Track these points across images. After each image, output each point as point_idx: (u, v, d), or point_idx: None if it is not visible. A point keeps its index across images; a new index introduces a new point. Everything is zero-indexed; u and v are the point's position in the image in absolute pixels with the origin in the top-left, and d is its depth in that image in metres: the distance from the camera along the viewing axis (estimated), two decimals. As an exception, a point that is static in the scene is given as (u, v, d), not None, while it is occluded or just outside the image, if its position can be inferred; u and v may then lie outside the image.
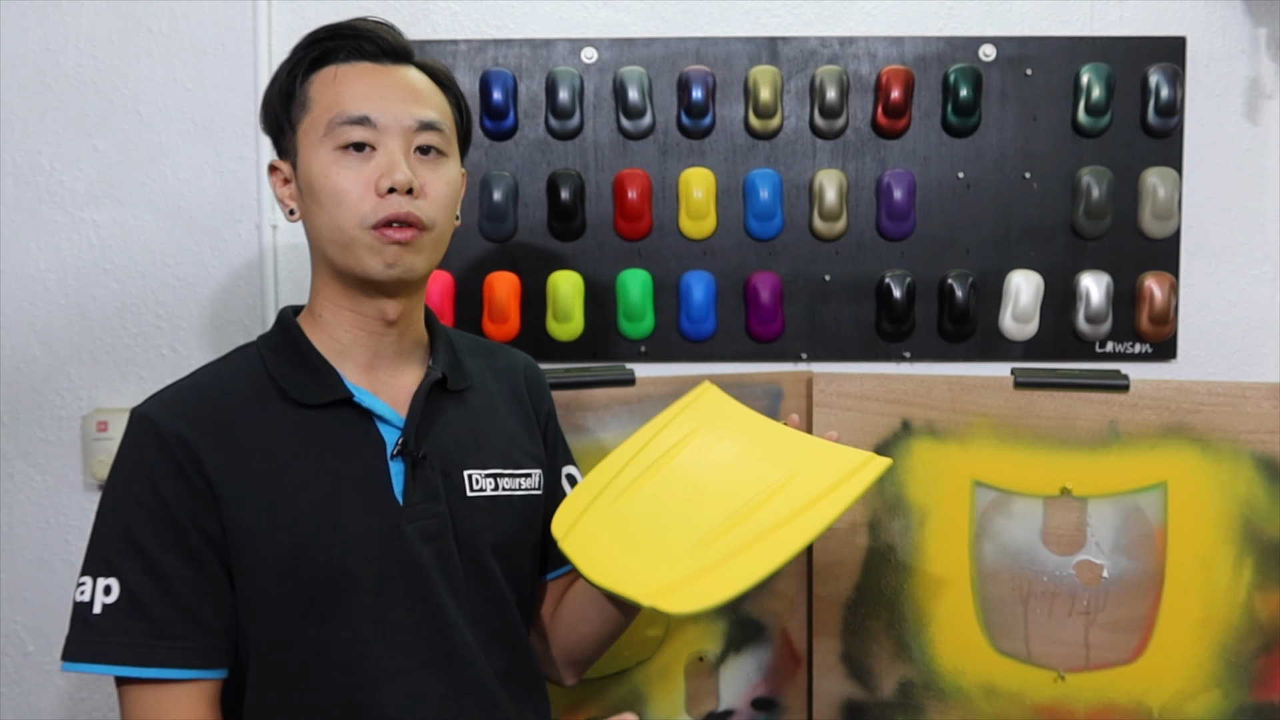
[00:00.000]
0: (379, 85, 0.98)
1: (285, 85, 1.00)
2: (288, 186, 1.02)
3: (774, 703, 1.45)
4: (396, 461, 0.99)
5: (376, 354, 1.02)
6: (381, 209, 0.95)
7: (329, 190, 0.96)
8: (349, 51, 0.99)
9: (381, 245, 0.95)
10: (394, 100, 0.97)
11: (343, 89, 0.97)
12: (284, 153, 1.02)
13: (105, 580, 0.92)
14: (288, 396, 0.98)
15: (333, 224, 0.96)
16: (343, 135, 0.96)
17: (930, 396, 1.41)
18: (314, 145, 0.97)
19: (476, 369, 1.11)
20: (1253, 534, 1.35)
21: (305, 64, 0.99)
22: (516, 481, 1.07)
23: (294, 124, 0.99)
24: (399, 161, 0.95)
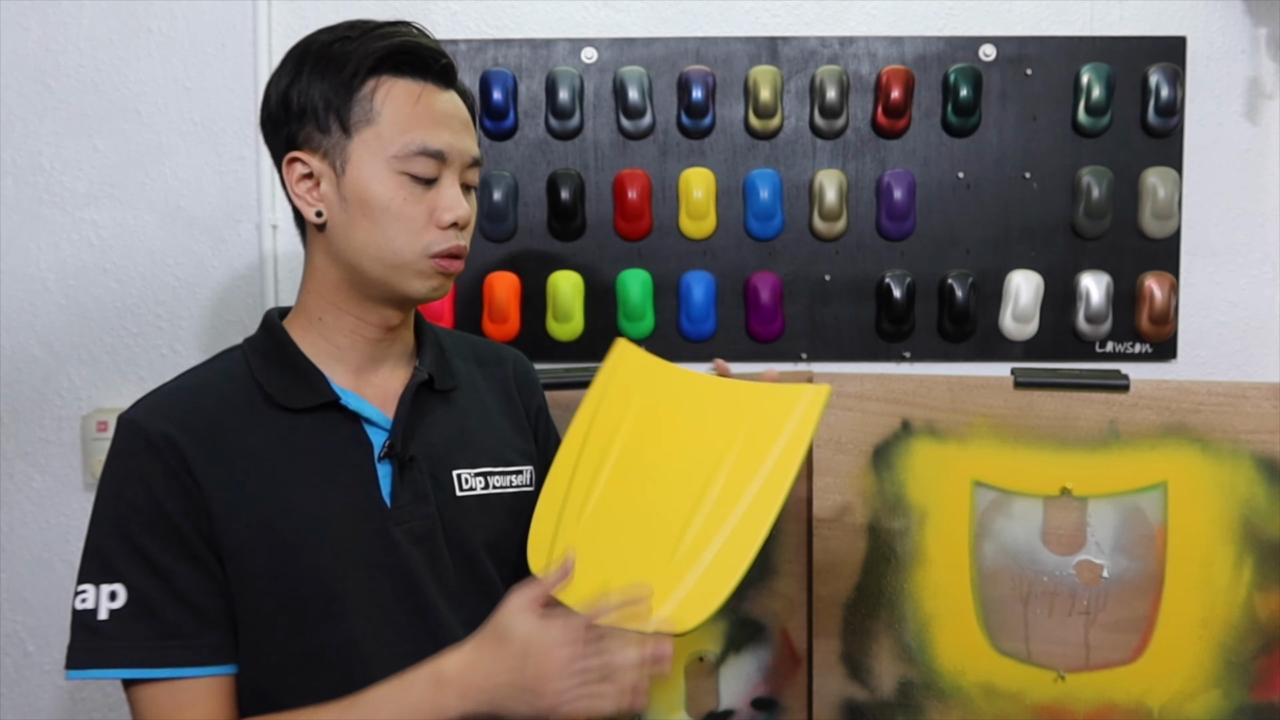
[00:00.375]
0: (448, 116, 0.97)
1: (348, 81, 0.94)
2: (313, 185, 0.96)
3: (774, 703, 1.45)
4: (384, 464, 0.98)
5: (369, 357, 1.02)
6: (443, 241, 0.96)
7: (393, 214, 0.94)
8: (418, 68, 0.96)
9: (435, 274, 0.97)
10: (457, 134, 0.97)
11: (422, 115, 0.95)
12: (317, 149, 0.96)
13: (110, 586, 0.91)
14: (273, 401, 0.97)
15: (388, 245, 0.95)
16: (414, 165, 0.94)
17: (930, 396, 1.41)
18: (376, 160, 0.94)
19: (464, 367, 1.10)
20: (1253, 534, 1.36)
21: (367, 66, 0.94)
22: (508, 479, 1.07)
23: (349, 128, 0.94)
24: (460, 199, 0.97)
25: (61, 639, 0.93)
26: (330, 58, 0.95)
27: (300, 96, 0.95)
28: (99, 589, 0.91)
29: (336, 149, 0.95)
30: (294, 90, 0.96)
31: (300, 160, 0.96)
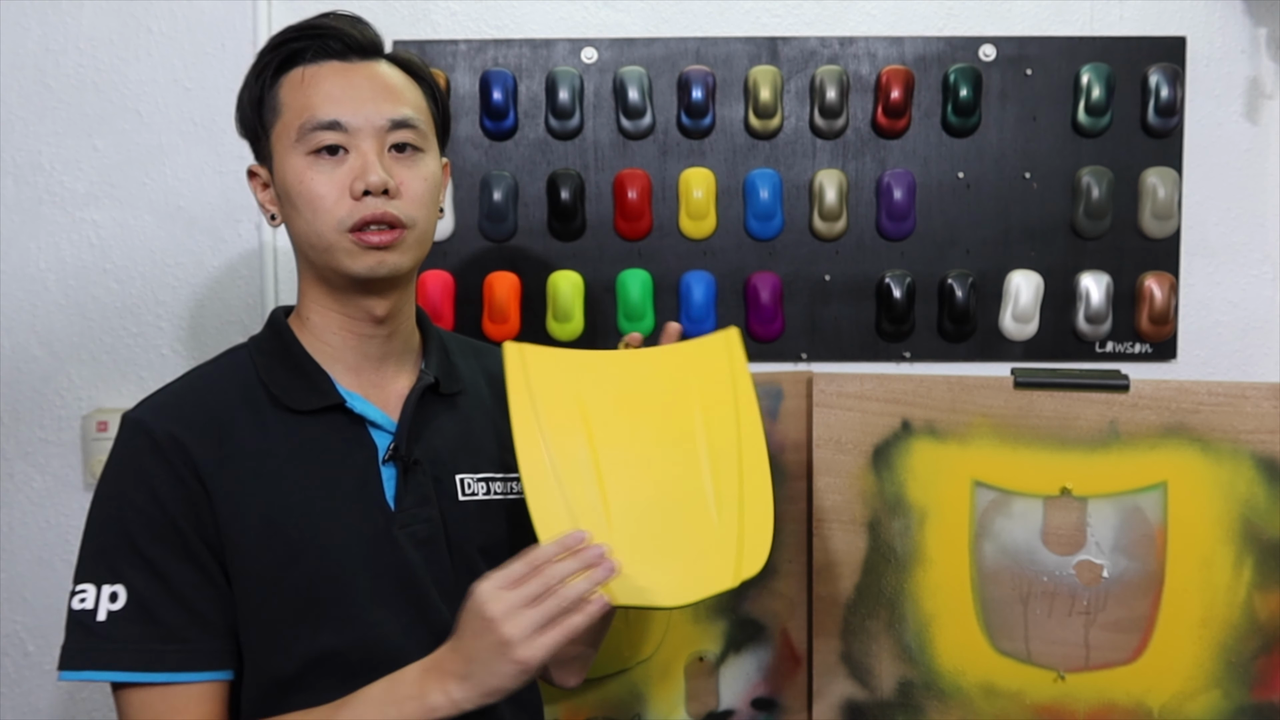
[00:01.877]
0: (348, 85, 0.95)
1: (255, 90, 0.98)
2: (267, 191, 1.00)
3: (774, 703, 1.45)
4: (388, 467, 0.98)
5: (365, 356, 1.01)
6: (357, 212, 0.93)
7: (304, 196, 0.94)
8: (316, 51, 0.97)
9: (361, 250, 0.94)
10: (364, 100, 0.95)
11: (311, 92, 0.95)
12: (261, 158, 1.00)
13: (111, 587, 0.91)
14: (279, 402, 0.97)
15: (310, 229, 0.95)
16: (314, 140, 0.94)
17: (930, 396, 1.41)
18: (287, 150, 0.95)
19: (469, 371, 1.10)
20: (1253, 534, 1.35)
21: (273, 66, 0.97)
22: (509, 486, 1.07)
23: (267, 129, 0.98)
24: (372, 163, 0.94)
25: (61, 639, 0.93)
26: (249, 72, 1.00)
27: (239, 115, 1.01)
28: (100, 589, 0.91)
29: (265, 152, 0.99)
30: (238, 112, 1.01)
31: (255, 173, 1.01)
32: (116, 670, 0.90)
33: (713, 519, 0.97)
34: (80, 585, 0.92)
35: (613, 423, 1.00)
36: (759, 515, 0.97)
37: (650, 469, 0.99)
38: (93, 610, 0.91)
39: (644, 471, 0.99)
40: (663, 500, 0.97)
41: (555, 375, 1.02)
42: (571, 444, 0.98)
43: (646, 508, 0.97)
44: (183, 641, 0.91)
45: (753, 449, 0.99)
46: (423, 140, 0.99)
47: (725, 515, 0.97)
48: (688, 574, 0.95)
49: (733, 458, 0.99)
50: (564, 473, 0.97)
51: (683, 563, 0.96)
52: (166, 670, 0.90)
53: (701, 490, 0.98)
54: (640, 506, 0.97)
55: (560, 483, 0.97)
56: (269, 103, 0.98)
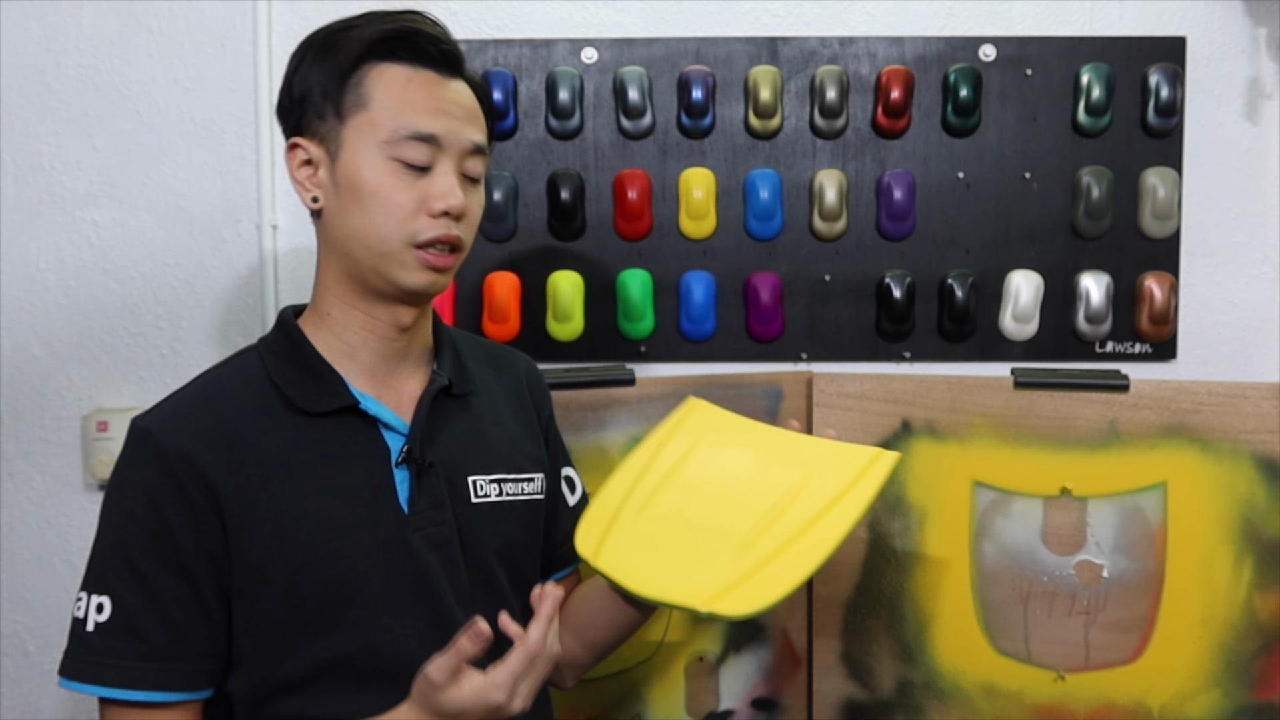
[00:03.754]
0: (445, 102, 0.95)
1: (342, 67, 0.94)
2: (312, 171, 0.96)
3: (774, 703, 1.45)
4: (401, 469, 0.97)
5: (382, 357, 1.00)
6: (430, 229, 0.94)
7: (380, 199, 0.93)
8: (415, 54, 0.95)
9: (420, 268, 0.95)
10: (456, 120, 0.95)
11: (412, 99, 0.94)
12: (315, 135, 0.96)
13: (99, 598, 0.91)
14: (292, 404, 0.96)
15: (375, 232, 0.94)
16: (405, 149, 0.93)
17: (930, 396, 1.41)
18: (367, 146, 0.93)
19: (479, 372, 1.09)
20: (1253, 534, 1.35)
21: (372, 54, 0.94)
22: (520, 486, 1.07)
23: (343, 113, 0.94)
24: (454, 186, 0.94)
25: (61, 639, 0.93)
26: (329, 45, 0.95)
27: (300, 84, 0.96)
28: (90, 599, 0.91)
29: (331, 134, 0.95)
30: (296, 78, 0.96)
31: (300, 146, 0.97)
32: (99, 684, 0.90)
33: (730, 553, 0.99)
34: (79, 592, 0.93)
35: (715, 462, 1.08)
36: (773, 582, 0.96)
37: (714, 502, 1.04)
38: (84, 620, 0.91)
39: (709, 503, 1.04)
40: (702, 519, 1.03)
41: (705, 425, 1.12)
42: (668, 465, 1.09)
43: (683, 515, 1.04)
44: (164, 660, 0.90)
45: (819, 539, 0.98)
46: (485, 168, 1.00)
47: (743, 558, 0.98)
48: (671, 576, 0.99)
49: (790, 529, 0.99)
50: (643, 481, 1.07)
51: (675, 566, 1.00)
52: (145, 688, 0.90)
53: (739, 531, 1.00)
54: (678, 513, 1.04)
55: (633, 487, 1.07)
56: (353, 87, 0.94)
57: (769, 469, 1.06)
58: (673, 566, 1.00)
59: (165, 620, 0.90)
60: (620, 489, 1.09)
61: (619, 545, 1.03)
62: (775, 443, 1.10)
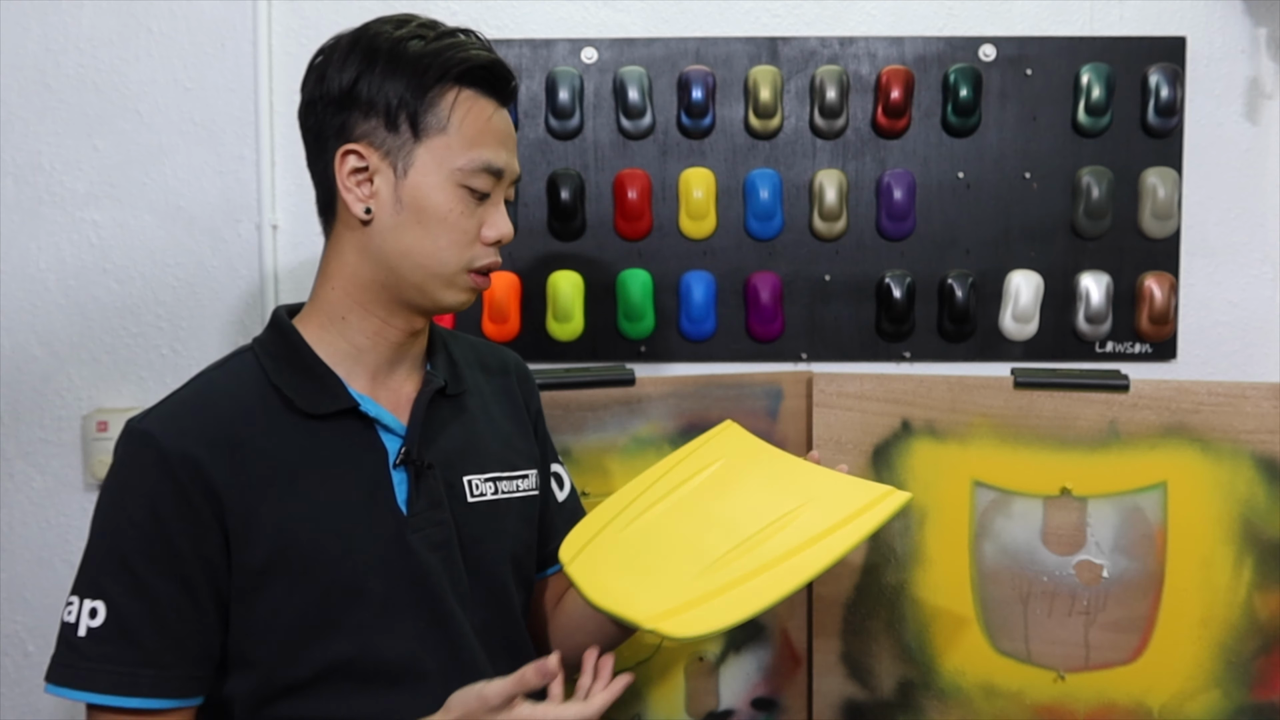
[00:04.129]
0: (506, 136, 0.99)
1: (425, 85, 0.93)
2: (365, 179, 0.95)
3: (774, 703, 1.45)
4: (399, 471, 0.97)
5: (386, 360, 1.00)
6: (485, 257, 0.98)
7: (447, 224, 0.95)
8: (493, 86, 0.98)
9: (468, 290, 0.98)
10: (512, 153, 1.00)
11: (491, 133, 0.97)
12: (379, 146, 0.94)
13: (92, 602, 0.90)
14: (292, 405, 0.95)
15: (436, 255, 0.95)
16: (477, 181, 0.95)
17: (930, 396, 1.41)
18: (441, 168, 0.94)
19: (471, 371, 1.10)
20: (1253, 534, 1.35)
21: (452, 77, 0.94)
22: (514, 484, 1.07)
23: (419, 132, 0.94)
24: (506, 217, 0.99)
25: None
26: (409, 58, 0.94)
27: (371, 90, 0.94)
28: (82, 603, 0.90)
29: (401, 150, 0.94)
30: (364, 82, 0.94)
31: (357, 153, 0.95)
32: (90, 690, 0.89)
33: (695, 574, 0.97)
34: (70, 596, 0.91)
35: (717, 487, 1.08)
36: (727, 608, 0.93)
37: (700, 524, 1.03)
38: (75, 624, 0.90)
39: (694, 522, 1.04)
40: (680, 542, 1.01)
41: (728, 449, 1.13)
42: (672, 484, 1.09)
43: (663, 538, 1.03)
44: (159, 666, 0.89)
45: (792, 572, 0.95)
46: None
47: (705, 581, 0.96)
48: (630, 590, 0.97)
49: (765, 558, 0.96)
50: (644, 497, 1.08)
51: (638, 581, 0.98)
52: (138, 695, 0.89)
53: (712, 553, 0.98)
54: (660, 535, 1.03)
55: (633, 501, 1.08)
56: (435, 110, 0.94)
57: (768, 495, 1.04)
58: (635, 581, 0.98)
59: (161, 626, 0.90)
60: (621, 501, 1.09)
61: (596, 555, 1.03)
62: (788, 471, 1.08)
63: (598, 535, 1.05)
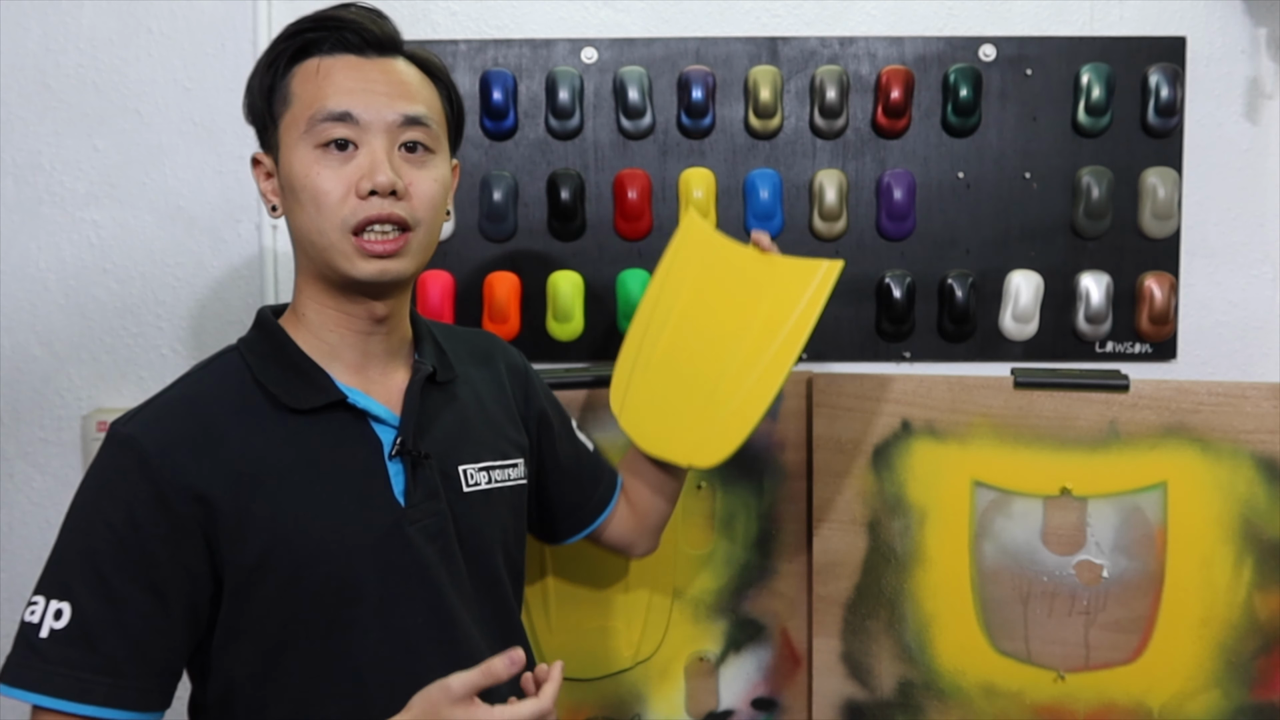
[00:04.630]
0: (362, 79, 0.94)
1: (266, 77, 0.96)
2: (270, 181, 0.98)
3: (774, 703, 1.45)
4: (395, 462, 0.97)
5: (366, 354, 1.00)
6: (361, 211, 0.92)
7: (309, 190, 0.92)
8: (332, 43, 0.95)
9: (364, 256, 0.93)
10: (378, 95, 0.93)
11: (324, 83, 0.93)
12: (267, 147, 0.98)
13: (58, 604, 0.87)
14: (278, 403, 0.95)
15: (313, 225, 0.93)
16: (323, 132, 0.92)
17: (930, 396, 1.41)
18: (295, 142, 0.94)
19: (459, 360, 1.09)
20: (1253, 534, 1.35)
21: (287, 55, 0.95)
22: (506, 473, 1.07)
23: (275, 118, 0.96)
24: (381, 161, 0.92)
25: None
26: (262, 59, 0.98)
27: (250, 99, 0.99)
28: (48, 604, 0.88)
29: (273, 141, 0.97)
30: (245, 98, 0.99)
31: (259, 161, 0.99)
32: (44, 694, 0.86)
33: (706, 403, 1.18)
34: (35, 596, 0.90)
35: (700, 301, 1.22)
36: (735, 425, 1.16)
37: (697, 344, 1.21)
38: (37, 625, 0.87)
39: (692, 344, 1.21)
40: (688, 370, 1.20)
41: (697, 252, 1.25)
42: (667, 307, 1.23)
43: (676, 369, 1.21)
44: (117, 676, 0.87)
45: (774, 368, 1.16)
46: (434, 141, 0.98)
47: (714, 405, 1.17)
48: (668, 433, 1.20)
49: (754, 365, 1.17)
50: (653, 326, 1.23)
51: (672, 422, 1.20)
52: (93, 703, 0.86)
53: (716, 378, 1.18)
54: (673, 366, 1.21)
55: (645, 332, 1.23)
56: (280, 92, 0.96)
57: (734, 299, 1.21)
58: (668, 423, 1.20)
59: (125, 634, 0.88)
60: (636, 338, 1.24)
61: (636, 403, 1.21)
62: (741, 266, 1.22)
63: (631, 379, 1.22)
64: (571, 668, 1.31)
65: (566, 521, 1.22)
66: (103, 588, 0.88)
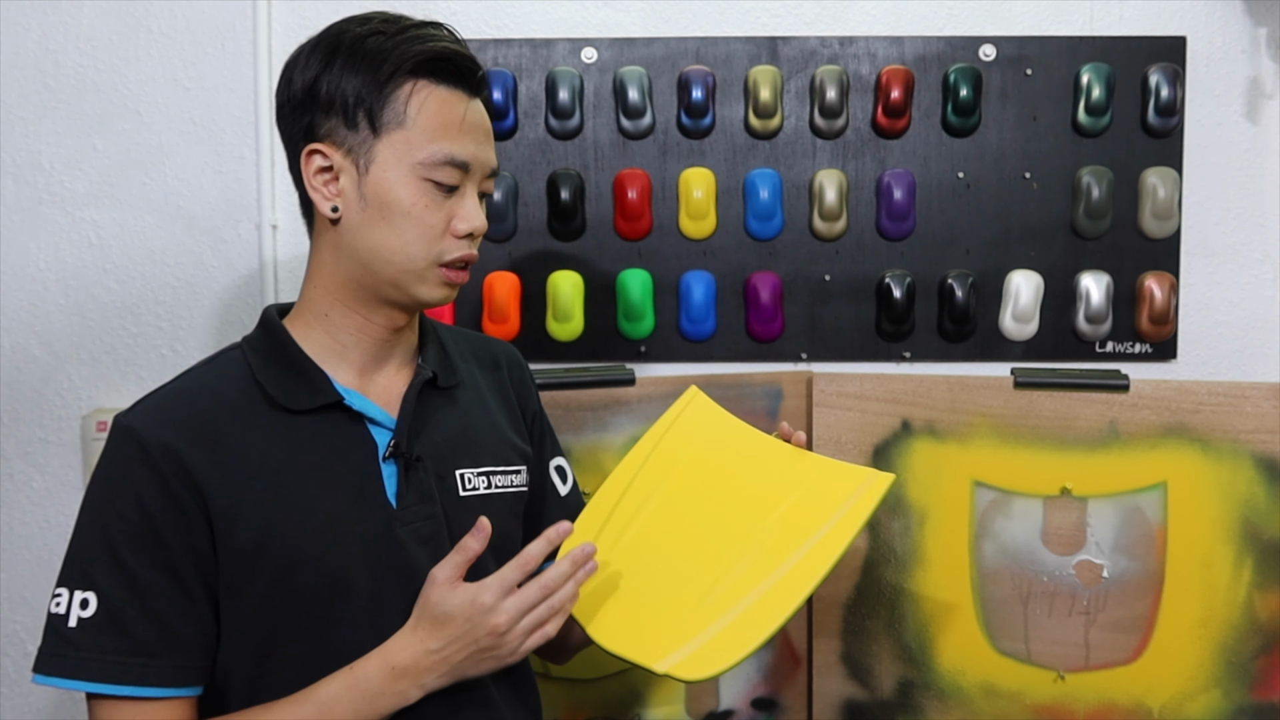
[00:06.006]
0: (475, 127, 0.97)
1: (382, 80, 0.93)
2: (331, 178, 0.95)
3: (774, 703, 1.45)
4: (388, 464, 0.97)
5: (375, 357, 1.01)
6: (456, 250, 0.96)
7: (412, 219, 0.94)
8: (453, 76, 0.96)
9: (443, 284, 0.97)
10: (481, 144, 0.97)
11: (449, 122, 0.94)
12: (341, 144, 0.94)
13: (82, 594, 0.90)
14: (276, 402, 0.96)
15: (404, 250, 0.95)
16: (439, 173, 0.94)
17: (930, 396, 1.41)
18: (401, 163, 0.93)
19: (464, 364, 1.10)
20: (1253, 534, 1.36)
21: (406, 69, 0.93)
22: (508, 479, 1.07)
23: (378, 128, 0.93)
24: (478, 209, 0.97)
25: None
26: (365, 53, 0.93)
27: (330, 88, 0.94)
28: (72, 595, 0.90)
29: (362, 147, 0.94)
30: (324, 80, 0.94)
31: (320, 153, 0.95)
32: (81, 679, 0.89)
33: (698, 603, 0.95)
34: (58, 588, 0.92)
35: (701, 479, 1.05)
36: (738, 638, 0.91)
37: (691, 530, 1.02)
38: (64, 615, 0.90)
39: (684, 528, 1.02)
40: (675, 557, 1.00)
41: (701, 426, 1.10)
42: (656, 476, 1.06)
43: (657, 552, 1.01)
44: (149, 656, 0.90)
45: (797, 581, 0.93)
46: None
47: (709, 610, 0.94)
48: (635, 627, 0.96)
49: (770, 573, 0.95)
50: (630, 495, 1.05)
51: (642, 617, 0.97)
52: (130, 683, 0.89)
53: (714, 576, 0.97)
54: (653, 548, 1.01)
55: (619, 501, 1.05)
56: (392, 103, 0.93)
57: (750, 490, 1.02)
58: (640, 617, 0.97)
59: (152, 617, 0.90)
60: (604, 506, 1.05)
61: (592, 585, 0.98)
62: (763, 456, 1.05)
63: None
64: (572, 668, 1.31)
65: None
66: (124, 574, 0.90)
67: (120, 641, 0.89)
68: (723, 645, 0.92)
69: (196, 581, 0.92)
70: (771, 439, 1.08)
